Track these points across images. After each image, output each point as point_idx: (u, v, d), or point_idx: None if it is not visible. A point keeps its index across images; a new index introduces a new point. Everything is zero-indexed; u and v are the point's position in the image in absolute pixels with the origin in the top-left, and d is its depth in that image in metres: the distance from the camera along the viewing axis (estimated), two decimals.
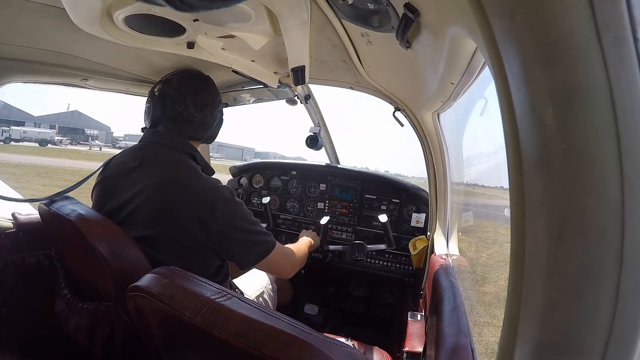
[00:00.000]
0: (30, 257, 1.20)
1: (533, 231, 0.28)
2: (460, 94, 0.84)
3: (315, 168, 1.92)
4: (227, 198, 0.93)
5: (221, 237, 0.92)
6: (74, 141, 40.83)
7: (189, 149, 1.03)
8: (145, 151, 1.01)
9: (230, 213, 0.92)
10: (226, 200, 0.92)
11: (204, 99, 1.05)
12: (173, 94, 1.02)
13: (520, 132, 0.28)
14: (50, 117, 56.50)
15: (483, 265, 3.82)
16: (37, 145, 29.19)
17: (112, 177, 1.01)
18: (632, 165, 0.24)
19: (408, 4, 0.55)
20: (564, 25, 0.24)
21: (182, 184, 0.92)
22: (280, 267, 1.12)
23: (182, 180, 0.93)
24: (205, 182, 0.95)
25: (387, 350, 1.24)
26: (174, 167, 0.96)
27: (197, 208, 0.90)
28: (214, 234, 0.90)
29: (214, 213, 0.90)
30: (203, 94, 1.06)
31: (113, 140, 52.08)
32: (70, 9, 0.75)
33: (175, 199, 0.90)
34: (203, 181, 0.95)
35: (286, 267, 1.14)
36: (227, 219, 0.92)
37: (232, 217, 0.93)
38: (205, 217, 0.89)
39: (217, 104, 1.10)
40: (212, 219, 0.90)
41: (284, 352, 0.46)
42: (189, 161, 1.00)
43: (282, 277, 1.20)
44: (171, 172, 0.94)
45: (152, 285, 0.59)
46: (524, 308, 0.29)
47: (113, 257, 0.80)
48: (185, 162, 0.99)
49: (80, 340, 0.90)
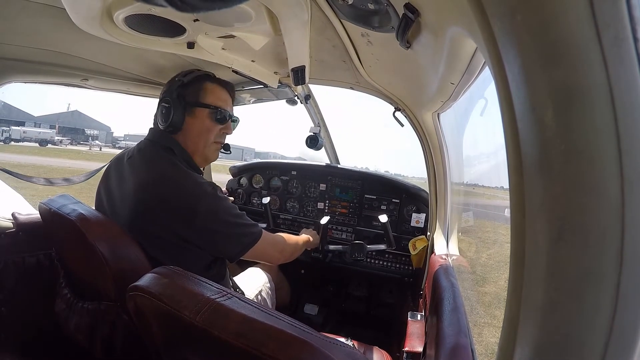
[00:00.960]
0: (30, 257, 1.20)
1: (533, 231, 0.28)
2: (461, 94, 0.84)
3: (315, 168, 1.92)
4: (209, 193, 0.93)
5: (205, 232, 0.92)
6: (74, 141, 40.87)
7: (168, 142, 1.02)
8: (137, 146, 1.05)
9: (213, 207, 0.93)
10: (209, 195, 0.93)
11: (166, 88, 1.06)
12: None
13: (520, 132, 0.28)
14: (51, 117, 56.62)
15: (483, 265, 3.82)
16: (37, 145, 29.19)
17: (110, 172, 1.06)
18: (632, 165, 0.24)
19: (408, 4, 0.55)
20: (564, 25, 0.24)
21: (163, 179, 0.93)
22: (268, 255, 1.13)
23: (163, 176, 0.93)
24: (186, 177, 0.94)
25: (387, 350, 1.24)
26: (155, 163, 0.97)
27: (178, 204, 0.90)
28: (198, 229, 0.91)
29: (196, 208, 0.90)
30: (166, 85, 1.07)
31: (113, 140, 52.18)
32: (70, 9, 0.75)
33: (156, 195, 0.91)
34: (184, 176, 0.94)
35: (274, 253, 1.14)
36: (210, 214, 0.92)
37: (215, 211, 0.93)
38: (188, 213, 0.90)
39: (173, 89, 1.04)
40: (194, 215, 0.90)
41: (284, 351, 0.46)
42: (170, 156, 0.99)
43: (272, 263, 1.21)
44: (153, 169, 0.96)
45: (152, 285, 0.59)
46: (524, 308, 0.29)
47: (113, 256, 0.80)
48: (166, 157, 0.99)
49: (80, 340, 0.90)
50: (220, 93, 1.10)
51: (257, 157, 59.39)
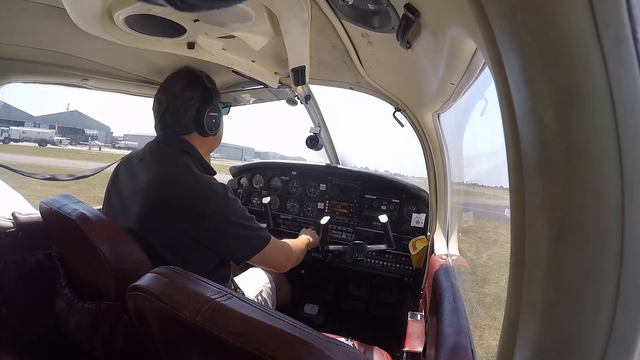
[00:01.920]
0: (31, 256, 1.20)
1: (533, 231, 0.28)
2: (461, 95, 0.84)
3: (315, 168, 1.92)
4: (220, 193, 0.93)
5: (215, 232, 0.92)
6: (74, 141, 40.72)
7: (183, 145, 1.03)
8: (147, 148, 1.05)
9: (223, 208, 0.93)
10: (219, 196, 0.93)
11: (172, 89, 1.05)
12: (158, 94, 1.06)
13: (521, 132, 0.28)
14: (50, 117, 56.37)
15: (483, 265, 3.81)
16: (37, 145, 29.02)
17: (119, 173, 1.07)
18: (632, 165, 0.24)
19: (408, 4, 0.55)
20: (564, 25, 0.24)
21: (175, 180, 0.94)
22: (275, 261, 1.12)
23: (175, 177, 0.94)
24: (198, 178, 0.95)
25: (387, 350, 1.24)
26: (169, 164, 0.98)
27: (189, 204, 0.91)
28: (207, 229, 0.91)
29: (206, 209, 0.90)
30: (172, 85, 1.06)
31: (113, 140, 52.04)
32: (70, 9, 0.75)
33: (167, 195, 0.92)
34: (196, 178, 0.95)
35: (281, 260, 1.14)
36: (220, 214, 0.92)
37: (225, 212, 0.94)
38: (198, 213, 0.90)
39: (214, 95, 1.07)
40: (204, 215, 0.90)
41: (284, 351, 0.46)
42: (184, 158, 1.00)
43: (278, 270, 1.20)
44: (165, 169, 0.96)
45: (152, 285, 0.59)
46: (524, 309, 0.29)
47: (114, 256, 0.80)
48: (179, 158, 1.00)
49: (81, 340, 0.90)
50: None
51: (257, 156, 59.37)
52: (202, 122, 1.04)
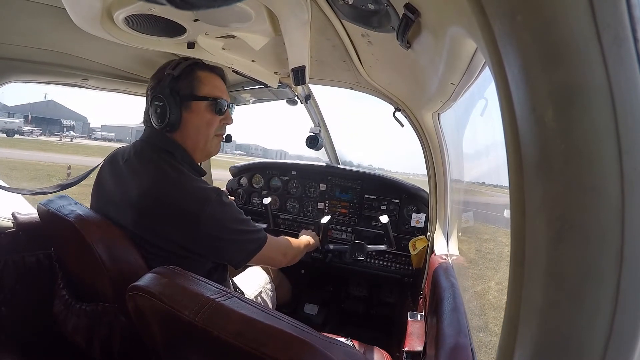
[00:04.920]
0: (30, 256, 1.20)
1: (533, 231, 0.28)
2: (461, 94, 0.84)
3: (315, 168, 1.92)
4: (213, 199, 0.87)
5: (209, 240, 0.88)
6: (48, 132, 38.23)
7: (164, 144, 0.96)
8: (132, 148, 0.99)
9: (218, 215, 0.87)
10: (213, 202, 0.87)
11: (153, 83, 0.98)
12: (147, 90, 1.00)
13: (521, 132, 0.28)
14: (25, 107, 53.40)
15: (482, 265, 3.82)
16: (5, 136, 26.09)
17: (104, 176, 1.01)
18: (632, 165, 0.24)
19: (408, 4, 0.55)
20: (564, 25, 0.24)
21: (162, 193, 0.87)
22: (272, 259, 1.10)
23: (161, 187, 0.88)
24: (185, 186, 0.88)
25: (387, 350, 1.24)
26: (156, 171, 0.91)
27: (181, 212, 0.85)
28: (201, 239, 0.87)
29: (199, 216, 0.85)
30: (153, 80, 0.99)
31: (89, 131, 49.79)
32: (70, 9, 0.75)
33: (156, 206, 0.86)
34: (183, 185, 0.88)
35: (279, 257, 1.12)
36: (214, 221, 0.87)
37: (220, 218, 0.88)
38: (190, 220, 0.85)
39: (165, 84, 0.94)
40: (197, 223, 0.85)
41: (283, 351, 0.46)
42: (169, 160, 0.93)
43: (275, 267, 1.18)
44: (151, 179, 0.89)
45: (152, 285, 0.59)
46: (524, 308, 0.29)
47: (111, 258, 0.80)
48: (163, 162, 0.92)
49: (79, 341, 0.90)
50: (214, 81, 1.01)
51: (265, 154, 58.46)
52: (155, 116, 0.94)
